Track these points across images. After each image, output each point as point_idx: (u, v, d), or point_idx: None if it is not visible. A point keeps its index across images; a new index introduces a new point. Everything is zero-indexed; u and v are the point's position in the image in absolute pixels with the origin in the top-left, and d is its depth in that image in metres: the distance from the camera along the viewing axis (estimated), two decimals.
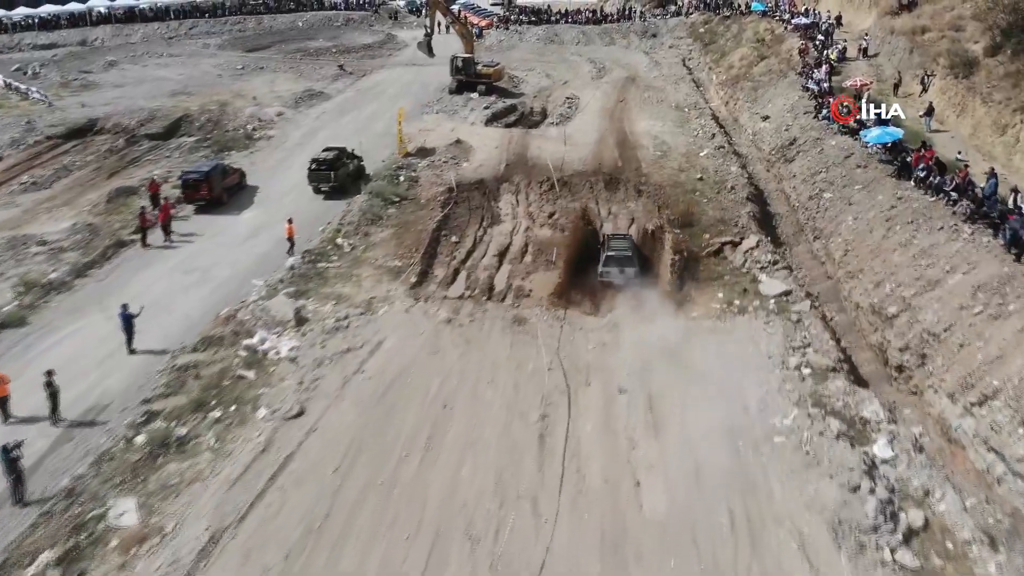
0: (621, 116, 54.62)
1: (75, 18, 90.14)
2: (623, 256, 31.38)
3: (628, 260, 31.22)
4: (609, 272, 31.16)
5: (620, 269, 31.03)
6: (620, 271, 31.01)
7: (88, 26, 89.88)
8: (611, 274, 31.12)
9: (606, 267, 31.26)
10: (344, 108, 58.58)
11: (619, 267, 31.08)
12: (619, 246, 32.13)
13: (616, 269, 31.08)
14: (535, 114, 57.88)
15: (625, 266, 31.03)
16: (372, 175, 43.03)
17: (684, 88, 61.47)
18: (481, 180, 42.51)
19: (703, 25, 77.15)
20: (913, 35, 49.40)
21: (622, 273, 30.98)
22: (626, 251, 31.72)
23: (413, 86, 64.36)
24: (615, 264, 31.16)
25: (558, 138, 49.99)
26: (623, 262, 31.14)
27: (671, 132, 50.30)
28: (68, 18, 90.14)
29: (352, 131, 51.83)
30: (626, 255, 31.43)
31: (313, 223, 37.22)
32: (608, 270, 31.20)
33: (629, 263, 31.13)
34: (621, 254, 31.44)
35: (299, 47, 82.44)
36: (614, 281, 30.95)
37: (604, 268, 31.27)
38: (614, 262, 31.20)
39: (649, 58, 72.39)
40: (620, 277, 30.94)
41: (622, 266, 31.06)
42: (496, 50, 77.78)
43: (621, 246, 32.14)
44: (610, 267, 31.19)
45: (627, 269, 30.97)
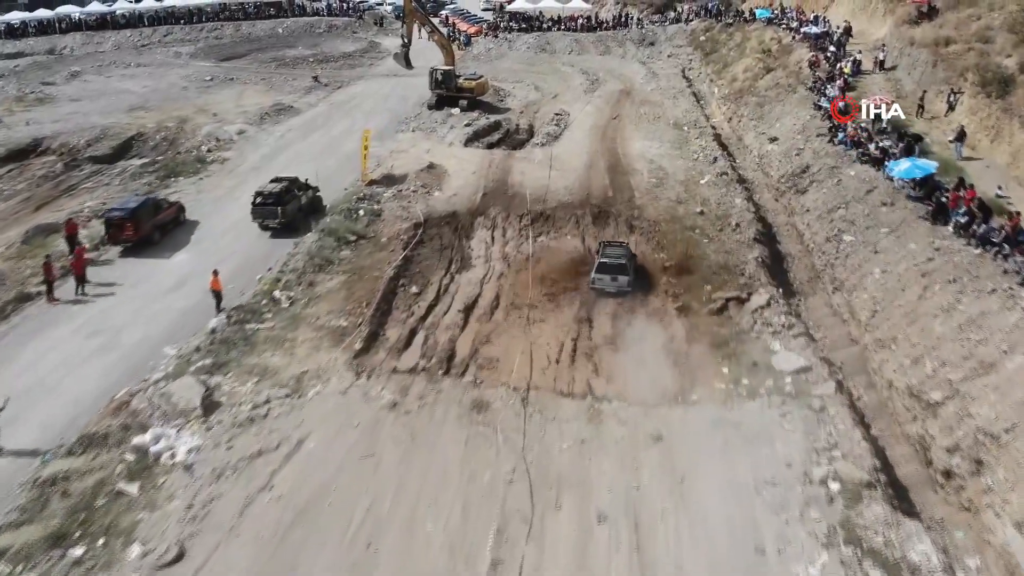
0: (614, 135, 49.22)
1: (43, 26, 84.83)
2: (616, 264, 29.54)
3: (621, 268, 29.40)
4: (601, 280, 29.41)
5: (613, 277, 29.29)
6: (613, 279, 29.28)
7: (57, 34, 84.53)
8: (603, 282, 29.40)
9: (599, 274, 29.47)
10: (313, 125, 53.21)
11: (612, 275, 29.31)
12: (613, 253, 30.36)
13: (608, 277, 29.33)
14: (521, 132, 52.50)
15: (618, 274, 29.27)
16: (329, 207, 37.63)
17: (683, 103, 56.04)
18: (453, 213, 37.21)
19: (704, 33, 71.72)
20: (936, 47, 43.92)
21: (614, 281, 29.25)
22: (620, 259, 29.89)
23: (390, 100, 59.01)
24: (608, 272, 29.38)
25: (543, 161, 44.60)
26: (616, 270, 29.36)
27: (669, 155, 44.90)
28: (36, 25, 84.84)
29: (318, 152, 46.58)
30: (619, 263, 29.60)
31: (254, 267, 31.95)
32: (600, 277, 29.42)
33: (622, 271, 29.32)
34: (614, 262, 29.64)
35: (276, 56, 77.08)
36: (606, 289, 29.32)
37: (596, 275, 29.49)
38: (607, 269, 29.42)
39: (646, 69, 66.95)
40: (612, 286, 29.26)
41: (615, 274, 29.30)
42: (483, 59, 72.42)
43: (615, 253, 30.37)
44: (603, 275, 29.39)
45: (620, 278, 29.23)
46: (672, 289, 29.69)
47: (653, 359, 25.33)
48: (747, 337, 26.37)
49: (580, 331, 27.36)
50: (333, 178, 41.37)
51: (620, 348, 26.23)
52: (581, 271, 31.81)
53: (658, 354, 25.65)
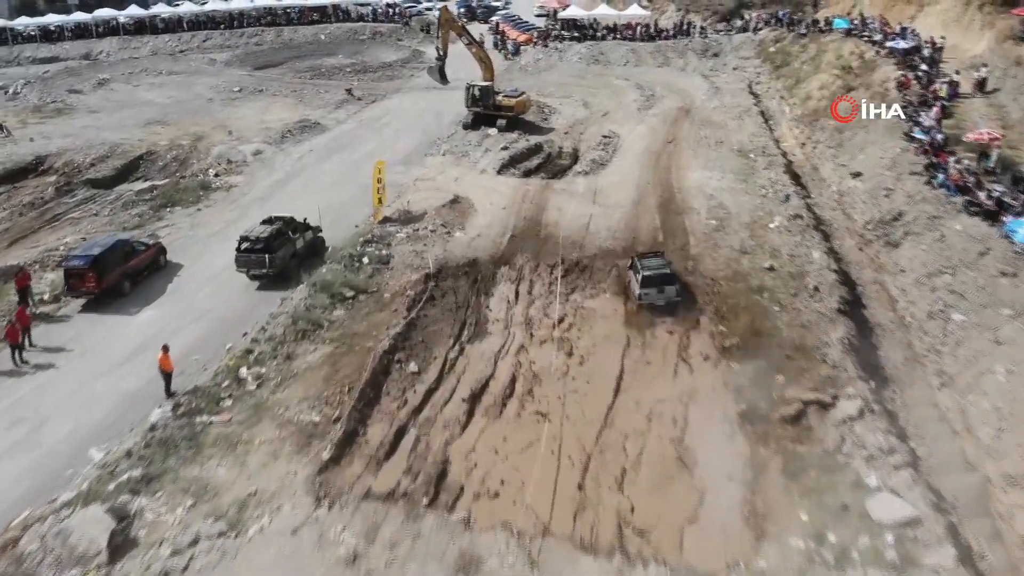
0: (668, 164, 42.73)
1: (81, 29, 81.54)
2: (662, 275, 27.53)
3: (668, 278, 27.53)
4: (648, 294, 27.28)
5: (659, 289, 27.25)
6: (659, 291, 27.25)
7: (94, 38, 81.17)
8: (650, 296, 27.30)
9: (645, 288, 27.28)
10: (336, 146, 47.87)
11: (658, 287, 27.25)
12: (654, 264, 28.22)
13: (655, 290, 27.25)
14: (563, 156, 46.35)
15: (665, 284, 27.34)
16: (330, 252, 32.08)
17: (750, 124, 49.15)
18: (473, 261, 31.36)
19: (774, 44, 64.44)
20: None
21: (662, 293, 27.26)
22: (663, 268, 27.96)
23: (425, 117, 53.40)
24: (654, 284, 27.26)
25: (585, 195, 38.47)
26: (662, 280, 27.37)
27: (732, 189, 38.27)
28: (73, 29, 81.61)
29: (335, 178, 41.24)
30: (664, 273, 27.70)
31: (229, 330, 26.62)
32: (647, 292, 27.27)
33: (668, 281, 27.48)
34: (659, 272, 27.60)
35: (313, 65, 72.32)
36: (655, 303, 27.29)
37: (643, 290, 27.29)
38: (653, 282, 27.28)
39: (708, 83, 60.05)
40: (661, 298, 27.26)
41: (662, 285, 27.28)
42: (530, 71, 66.37)
43: (656, 264, 28.26)
44: (649, 288, 27.25)
45: (667, 288, 27.32)
46: (733, 380, 23.26)
47: (707, 491, 19.02)
48: (832, 462, 19.83)
49: (611, 440, 21.17)
50: (345, 211, 36.01)
51: (663, 470, 19.98)
52: (616, 339, 25.81)
53: (714, 482, 19.34)
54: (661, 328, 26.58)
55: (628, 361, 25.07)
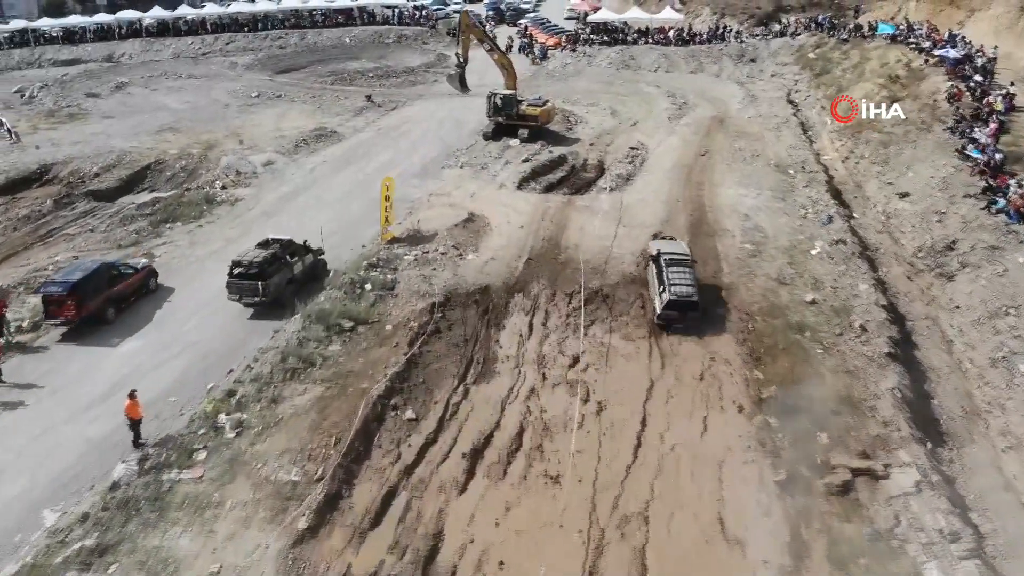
0: (700, 179, 39.87)
1: (103, 31, 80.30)
2: (687, 302, 25.65)
3: (692, 306, 25.71)
4: (671, 316, 25.82)
5: (683, 313, 25.72)
6: (682, 316, 25.76)
7: (117, 40, 79.92)
8: (672, 318, 25.87)
9: (668, 311, 25.69)
10: (351, 156, 45.58)
11: (681, 311, 25.67)
12: (680, 279, 26.01)
13: (677, 313, 25.72)
14: (588, 169, 43.62)
15: (688, 311, 25.74)
16: (331, 276, 29.70)
17: (788, 136, 46.10)
18: (485, 288, 28.83)
19: (814, 49, 61.13)
20: None
21: (684, 317, 25.77)
22: (690, 292, 25.80)
23: (445, 125, 50.92)
24: (677, 309, 25.63)
25: (610, 213, 35.77)
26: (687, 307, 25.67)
27: (769, 208, 35.37)
28: (96, 31, 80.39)
29: (345, 192, 38.93)
30: (690, 301, 25.70)
31: (214, 367, 24.37)
32: (670, 314, 25.76)
33: (694, 307, 25.76)
34: (684, 299, 25.62)
35: (335, 69, 70.24)
36: (676, 325, 25.87)
37: (665, 311, 25.74)
38: (676, 307, 25.62)
39: (744, 91, 56.99)
40: (683, 320, 25.80)
41: (685, 311, 25.69)
42: (557, 77, 63.70)
43: (683, 280, 26.03)
44: (672, 311, 25.68)
45: (692, 314, 25.78)
46: (771, 440, 20.45)
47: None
48: (886, 547, 16.98)
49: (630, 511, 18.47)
50: (353, 229, 33.73)
51: (689, 553, 17.24)
52: (639, 382, 23.20)
53: (749, 571, 16.58)
54: (689, 368, 23.82)
55: (651, 409, 22.36)
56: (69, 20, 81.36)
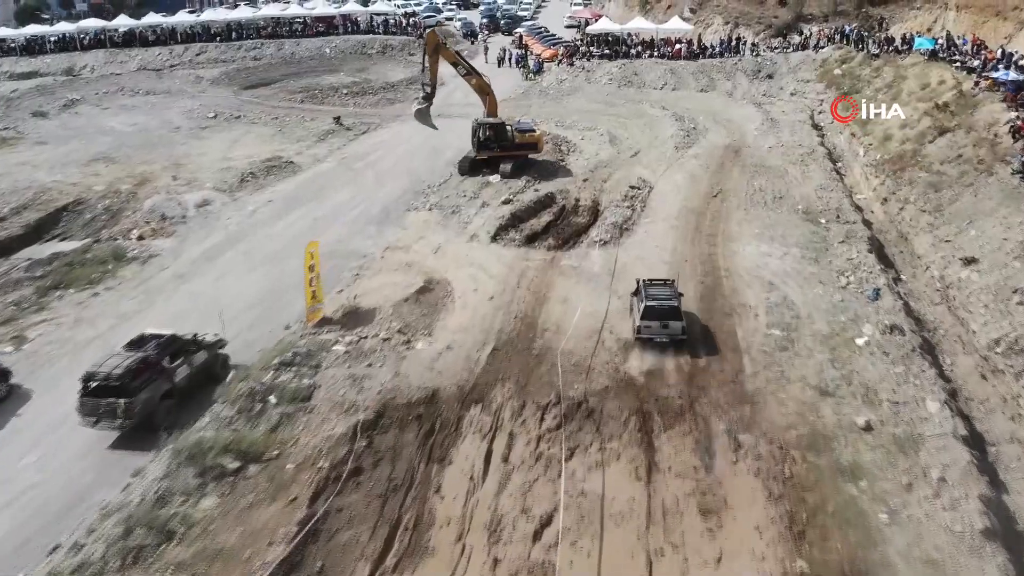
0: (713, 230, 32.75)
1: (64, 41, 73.54)
2: (666, 307, 23.55)
3: (672, 312, 23.53)
4: (649, 327, 23.52)
5: (663, 323, 23.39)
6: (663, 326, 23.38)
7: (80, 50, 73.15)
8: (651, 329, 23.53)
9: (645, 320, 23.49)
10: (303, 194, 38.63)
11: (661, 320, 23.38)
12: (659, 294, 24.22)
13: (658, 323, 23.43)
14: (580, 211, 36.44)
15: (669, 319, 23.38)
16: (231, 379, 22.59)
17: (816, 171, 38.88)
18: (432, 396, 21.85)
19: (839, 65, 53.73)
20: None
21: (665, 328, 23.38)
22: (669, 299, 23.94)
23: (419, 154, 43.95)
24: (656, 317, 23.42)
25: (602, 276, 28.82)
26: (666, 314, 23.40)
27: (799, 274, 28.22)
28: (57, 41, 73.63)
29: (286, 243, 32.05)
30: (670, 305, 23.68)
31: (48, 526, 17.36)
32: (648, 324, 23.50)
33: (674, 315, 23.49)
34: (663, 304, 23.60)
35: (308, 84, 63.37)
36: (655, 339, 23.49)
37: (643, 322, 23.51)
38: (655, 314, 23.43)
39: (762, 113, 49.74)
40: (663, 334, 23.41)
41: (665, 319, 23.37)
42: (551, 95, 56.56)
43: (662, 294, 24.25)
44: (650, 321, 23.46)
45: (672, 323, 23.38)
46: None
47: None
48: None
49: None
50: (281, 300, 26.91)
51: None
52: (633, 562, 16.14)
53: None
54: (702, 548, 16.61)
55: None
56: (27, 30, 74.59)
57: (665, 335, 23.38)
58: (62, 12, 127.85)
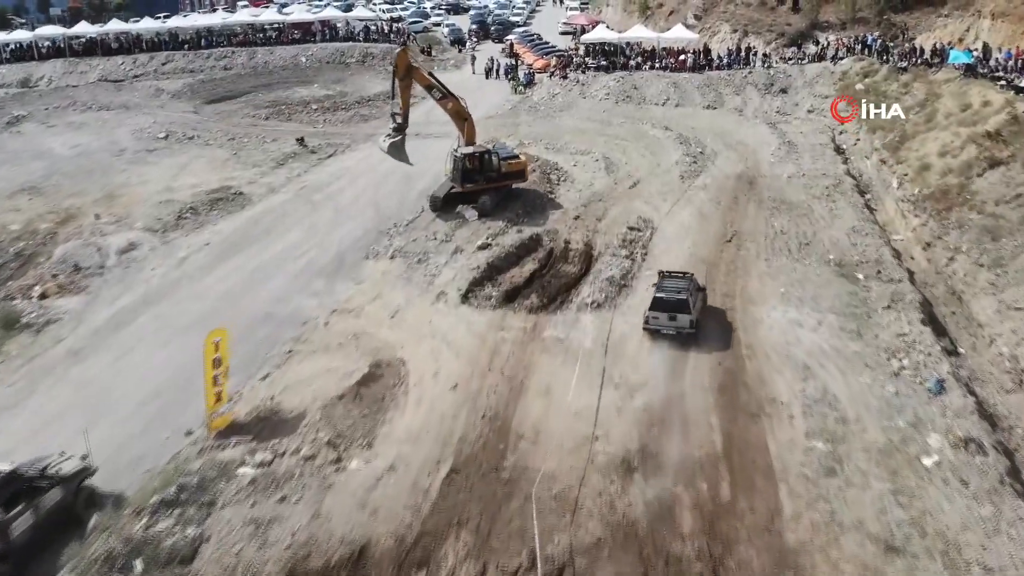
0: (730, 287, 26.93)
1: (21, 50, 67.63)
2: (675, 300, 22.84)
3: (681, 305, 22.74)
4: (657, 319, 22.96)
5: (671, 316, 22.73)
6: (671, 318, 22.73)
7: (37, 60, 67.27)
8: (659, 321, 22.93)
9: (653, 312, 23.01)
10: (247, 235, 32.82)
11: (669, 312, 22.73)
12: (672, 286, 23.58)
13: (665, 316, 22.81)
14: (571, 258, 30.59)
15: (677, 312, 22.67)
16: (96, 520, 16.73)
17: (845, 208, 33.08)
18: (359, 553, 16.00)
19: (861, 78, 47.69)
20: None
21: (673, 320, 22.73)
22: (679, 292, 23.13)
23: (387, 183, 37.98)
24: (665, 308, 22.83)
25: (594, 354, 23.08)
26: (674, 307, 22.75)
27: (839, 353, 22.47)
28: (13, 50, 67.74)
29: (208, 310, 26.05)
30: (678, 298, 22.89)
31: None
32: (656, 316, 22.96)
33: (682, 308, 22.70)
34: (672, 296, 22.96)
35: (278, 98, 57.54)
36: (662, 330, 22.85)
37: (651, 313, 23.07)
38: (664, 306, 22.88)
39: (777, 134, 43.83)
40: (671, 326, 22.78)
41: (673, 311, 22.69)
42: (542, 112, 50.65)
43: (674, 287, 23.55)
44: (658, 312, 22.91)
45: (680, 316, 22.65)
46: None
47: None
48: None
49: None
50: (187, 391, 20.77)
51: None
52: None
53: None
54: None
55: None
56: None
57: (673, 328, 22.87)
58: (40, 16, 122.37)
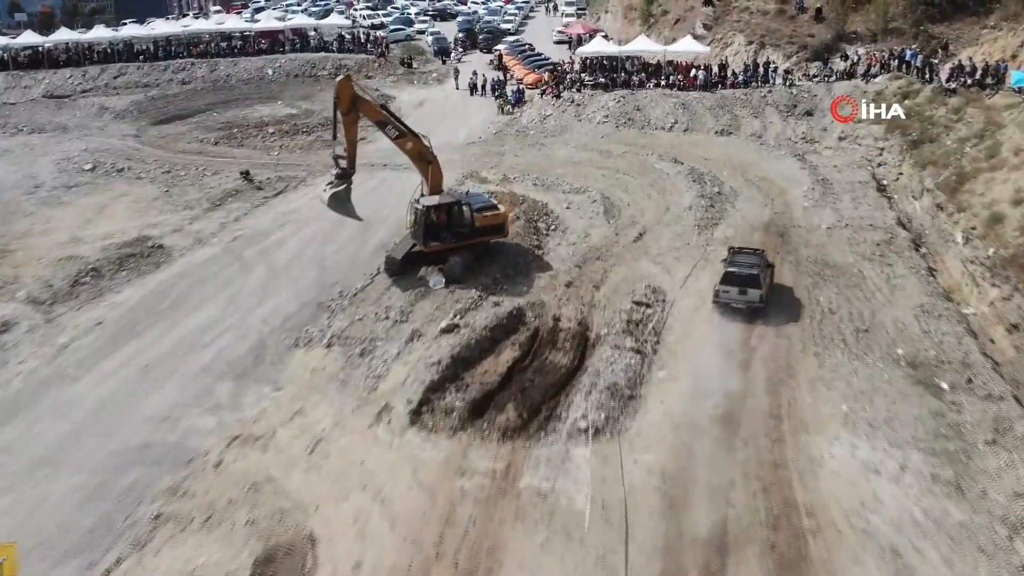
0: (774, 401, 19.77)
1: None
2: (746, 274, 23.00)
3: (752, 280, 22.88)
4: (728, 292, 23.05)
5: (741, 290, 22.80)
6: (741, 292, 22.80)
7: None
8: (729, 295, 23.04)
9: (724, 285, 23.11)
10: (148, 311, 25.74)
11: (740, 287, 22.80)
12: (743, 262, 23.80)
13: (736, 290, 22.88)
14: (560, 344, 23.53)
15: (748, 286, 22.77)
16: None
17: (905, 276, 26.01)
18: None
19: (900, 100, 40.55)
20: None
21: (743, 295, 22.80)
22: (751, 268, 23.32)
23: (342, 230, 30.75)
24: (735, 283, 22.92)
25: (593, 520, 15.77)
26: (745, 281, 22.86)
27: (939, 526, 15.54)
28: None
29: (77, 426, 19.01)
30: (750, 273, 23.06)
31: None
32: (727, 290, 23.03)
33: (753, 283, 22.82)
34: (744, 271, 23.11)
35: (234, 117, 50.36)
36: (732, 304, 22.96)
37: (721, 287, 23.18)
38: (735, 280, 22.99)
39: (807, 169, 36.73)
40: (741, 300, 22.86)
41: (744, 286, 22.79)
42: (531, 137, 43.50)
43: (746, 262, 23.76)
44: (729, 286, 22.98)
45: (750, 291, 22.75)
46: None
47: None
48: None
49: None
50: None
51: None
52: None
53: None
54: None
55: None
56: None
57: (743, 302, 22.88)
58: (9, 20, 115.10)
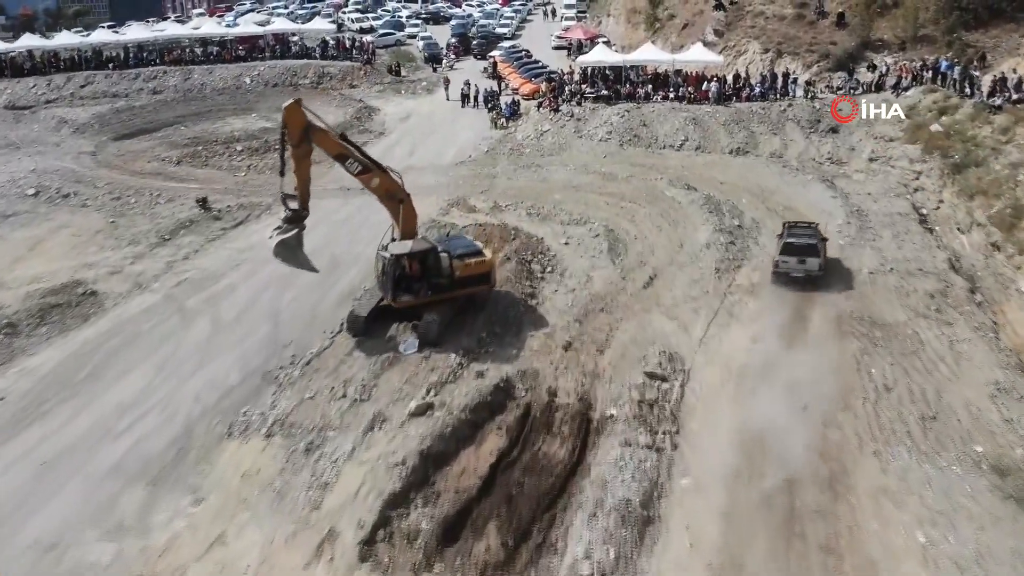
0: (831, 528, 15.20)
1: None
2: (804, 244, 24.28)
3: (810, 249, 24.16)
4: (787, 262, 24.09)
5: (801, 259, 23.94)
6: (800, 261, 23.95)
7: None
8: (789, 264, 24.10)
9: (783, 256, 24.18)
10: (67, 382, 21.23)
11: (800, 256, 23.98)
12: (801, 233, 25.07)
13: (795, 259, 24.00)
14: (557, 428, 19.02)
15: (807, 255, 23.98)
16: None
17: (971, 339, 21.50)
18: None
19: (936, 116, 36.07)
20: None
21: (802, 264, 23.93)
22: (809, 238, 24.66)
23: (301, 277, 25.94)
24: (796, 253, 24.07)
25: None
26: (804, 251, 24.08)
27: None
28: None
29: None
30: (808, 242, 24.36)
31: None
32: (786, 260, 24.11)
33: (811, 252, 24.07)
34: (802, 241, 24.38)
35: (203, 131, 46.05)
36: (792, 273, 24.07)
37: (781, 256, 24.24)
38: (794, 250, 24.14)
39: (839, 197, 32.21)
40: (800, 269, 23.97)
41: (804, 255, 23.99)
42: (526, 157, 38.91)
43: (804, 233, 25.04)
44: (788, 256, 24.10)
45: (809, 260, 23.93)
46: None
47: None
48: None
49: None
50: None
51: None
52: None
53: None
54: None
55: None
56: None
57: (802, 271, 23.69)
58: None
